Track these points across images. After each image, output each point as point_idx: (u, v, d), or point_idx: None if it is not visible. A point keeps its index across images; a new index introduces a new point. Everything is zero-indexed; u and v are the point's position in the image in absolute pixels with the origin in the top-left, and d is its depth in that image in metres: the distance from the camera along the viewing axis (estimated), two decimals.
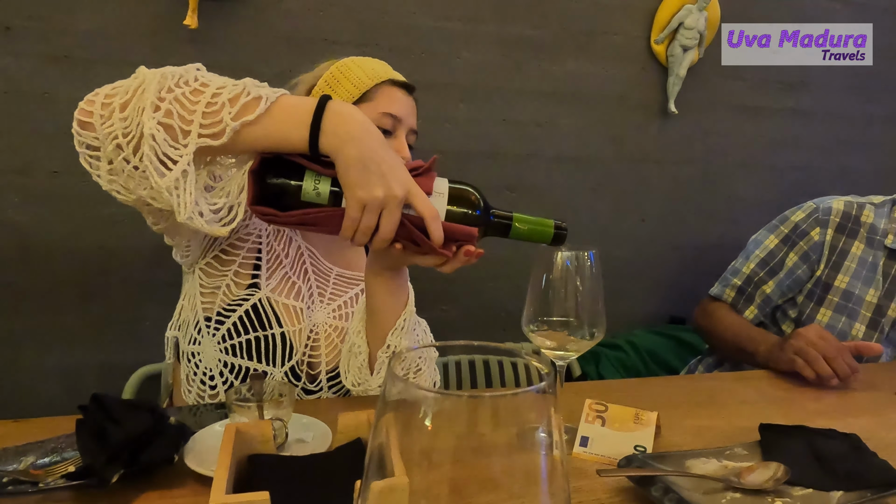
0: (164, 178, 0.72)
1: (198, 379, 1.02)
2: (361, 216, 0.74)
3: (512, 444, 0.27)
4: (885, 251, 1.44)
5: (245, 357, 1.00)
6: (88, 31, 1.64)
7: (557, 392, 0.28)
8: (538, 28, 2.01)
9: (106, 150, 0.75)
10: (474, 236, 0.80)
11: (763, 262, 1.52)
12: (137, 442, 0.69)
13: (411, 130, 1.09)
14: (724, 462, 0.79)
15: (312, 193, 0.75)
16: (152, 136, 0.71)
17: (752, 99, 2.27)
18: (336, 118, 0.74)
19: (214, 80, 0.76)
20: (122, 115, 0.73)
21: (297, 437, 0.80)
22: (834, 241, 1.46)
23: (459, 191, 0.80)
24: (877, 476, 0.74)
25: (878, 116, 2.40)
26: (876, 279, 1.43)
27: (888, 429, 0.97)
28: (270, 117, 0.74)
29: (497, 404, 0.26)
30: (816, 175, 2.35)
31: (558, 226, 0.82)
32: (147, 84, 0.73)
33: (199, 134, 0.73)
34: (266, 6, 1.75)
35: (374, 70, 1.07)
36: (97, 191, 0.83)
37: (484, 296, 2.05)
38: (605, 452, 0.82)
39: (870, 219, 1.47)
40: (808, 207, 1.52)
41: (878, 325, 1.42)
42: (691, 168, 2.26)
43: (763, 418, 0.93)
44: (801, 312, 1.48)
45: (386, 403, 0.29)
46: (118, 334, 1.77)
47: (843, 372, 1.13)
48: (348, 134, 0.74)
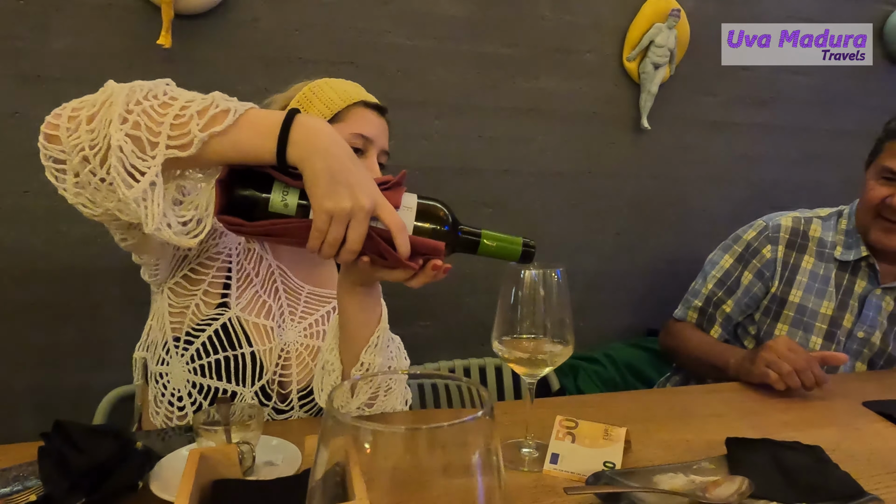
0: (132, 190, 0.72)
1: (165, 400, 1.01)
2: (329, 227, 0.74)
3: (448, 472, 0.27)
4: (835, 263, 1.48)
5: (214, 377, 0.99)
6: (60, 51, 1.63)
7: (495, 417, 0.29)
8: (512, 46, 2.03)
9: (72, 163, 0.74)
10: (441, 251, 0.80)
11: (720, 282, 1.55)
12: (100, 469, 0.68)
13: (383, 151, 1.10)
14: (692, 476, 0.80)
15: (280, 205, 0.75)
16: (119, 148, 0.71)
17: (723, 114, 2.32)
18: (304, 130, 0.74)
19: (183, 93, 0.76)
20: (89, 127, 0.73)
21: (266, 460, 0.80)
22: (785, 258, 1.49)
23: (428, 206, 0.81)
24: (838, 488, 0.75)
25: (845, 131, 2.46)
26: (829, 291, 1.46)
27: (853, 440, 0.99)
28: (238, 129, 0.74)
29: (433, 435, 0.27)
30: (786, 189, 2.40)
31: (527, 244, 0.82)
32: (115, 97, 0.73)
33: (168, 145, 0.73)
34: (240, 25, 1.76)
35: (347, 91, 1.08)
36: (68, 210, 0.82)
37: (462, 311, 2.06)
38: (575, 469, 0.82)
39: (817, 233, 1.50)
40: (759, 226, 1.55)
41: (835, 337, 1.44)
42: (665, 182, 2.29)
43: (732, 431, 0.94)
44: (760, 329, 1.51)
45: (342, 426, 0.29)
46: (91, 355, 1.74)
47: (811, 383, 1.15)
48: (316, 146, 0.73)
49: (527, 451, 0.88)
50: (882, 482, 0.84)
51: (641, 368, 2.10)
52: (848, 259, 1.46)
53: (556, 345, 0.83)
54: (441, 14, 1.95)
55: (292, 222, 0.75)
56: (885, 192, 1.38)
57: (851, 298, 1.45)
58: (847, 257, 1.46)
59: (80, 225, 1.56)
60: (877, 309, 1.44)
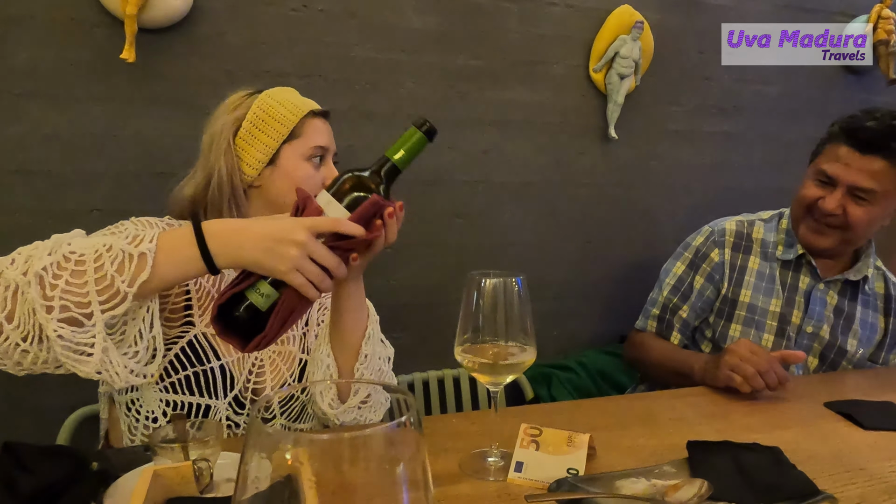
0: (89, 366, 0.77)
1: (140, 425, 1.02)
2: (305, 275, 0.79)
3: (372, 480, 0.27)
4: (778, 262, 1.52)
5: (186, 392, 1.00)
6: (22, 66, 1.61)
7: (422, 427, 0.29)
8: (480, 58, 2.05)
9: (13, 359, 0.77)
10: (380, 203, 0.85)
11: (675, 289, 1.58)
12: (50, 490, 0.67)
13: (334, 153, 1.15)
14: (653, 481, 0.81)
15: (262, 300, 0.81)
16: (59, 337, 0.74)
17: (688, 124, 2.37)
18: (216, 239, 0.80)
19: (84, 248, 0.78)
20: (12, 326, 0.75)
21: (226, 477, 0.79)
22: (733, 260, 1.54)
23: (339, 188, 0.86)
24: (794, 488, 0.76)
25: (807, 138, 2.52)
26: (775, 289, 1.50)
27: (814, 440, 1.00)
28: (159, 267, 0.79)
29: (355, 442, 0.27)
30: (750, 195, 2.45)
31: (420, 125, 0.89)
32: (22, 285, 0.74)
33: (102, 310, 0.76)
34: (205, 40, 1.75)
35: (294, 104, 1.09)
36: (37, 216, 0.81)
37: (436, 322, 2.05)
38: (539, 477, 0.83)
39: (760, 234, 1.56)
40: (706, 231, 1.60)
41: (785, 333, 1.48)
42: (632, 190, 2.32)
43: (696, 434, 0.95)
44: (715, 331, 1.53)
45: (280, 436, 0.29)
46: (53, 374, 1.70)
47: (774, 384, 1.17)
48: (233, 244, 0.80)
49: (492, 461, 0.88)
50: (840, 480, 0.86)
51: (614, 375, 2.12)
52: (788, 258, 1.50)
53: (517, 352, 0.84)
54: (408, 27, 1.96)
55: (284, 302, 0.81)
56: (818, 193, 1.42)
57: (797, 294, 1.48)
58: (787, 256, 1.50)
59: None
60: (822, 304, 1.48)
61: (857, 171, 1.36)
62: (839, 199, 1.39)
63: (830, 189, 1.41)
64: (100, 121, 1.68)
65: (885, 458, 0.93)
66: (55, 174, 1.65)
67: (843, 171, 1.38)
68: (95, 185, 1.70)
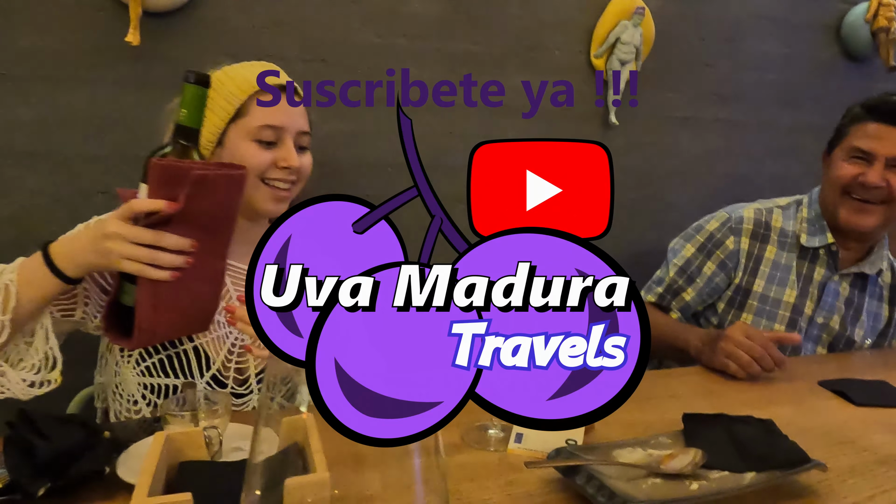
0: None
1: (123, 409, 1.05)
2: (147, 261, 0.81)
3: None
4: (797, 251, 1.50)
5: (161, 375, 1.02)
6: (27, 49, 1.61)
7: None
8: (481, 44, 2.06)
9: None
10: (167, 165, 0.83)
11: (681, 271, 1.55)
12: (66, 456, 0.69)
13: (300, 133, 1.08)
14: (649, 451, 0.83)
15: (128, 297, 0.86)
16: None
17: (688, 110, 2.37)
18: (59, 257, 0.86)
19: None
20: None
21: (234, 446, 0.81)
22: (750, 249, 1.51)
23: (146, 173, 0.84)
24: (785, 456, 0.79)
25: (806, 125, 2.53)
26: (791, 279, 1.49)
27: (806, 416, 1.03)
28: (24, 294, 0.86)
29: None
30: (750, 182, 2.46)
31: (186, 78, 0.86)
32: None
33: None
34: (210, 23, 1.76)
35: (246, 80, 1.05)
36: (41, 198, 0.84)
37: None
38: (538, 447, 0.85)
39: (779, 222, 1.53)
40: (721, 217, 1.56)
41: (797, 324, 1.48)
42: (633, 177, 2.34)
43: (691, 409, 0.97)
44: (722, 319, 1.53)
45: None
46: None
47: (770, 367, 1.19)
48: (71, 255, 0.86)
49: (493, 433, 0.90)
50: (831, 452, 0.89)
51: None
52: (813, 245, 1.48)
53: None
54: (411, 12, 1.97)
55: (141, 291, 0.84)
56: (856, 170, 1.40)
57: (811, 286, 1.48)
58: (812, 244, 1.48)
59: (50, 226, 1.55)
60: (835, 295, 1.49)
61: (892, 143, 1.36)
62: (881, 171, 1.38)
63: (866, 165, 1.39)
64: (105, 104, 1.69)
65: (875, 432, 0.96)
66: (60, 157, 1.67)
67: (879, 144, 1.37)
68: (100, 168, 1.71)
